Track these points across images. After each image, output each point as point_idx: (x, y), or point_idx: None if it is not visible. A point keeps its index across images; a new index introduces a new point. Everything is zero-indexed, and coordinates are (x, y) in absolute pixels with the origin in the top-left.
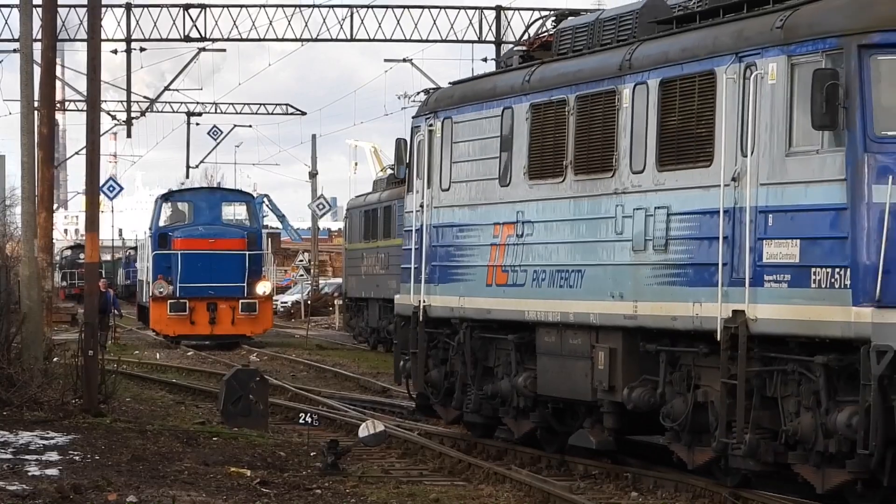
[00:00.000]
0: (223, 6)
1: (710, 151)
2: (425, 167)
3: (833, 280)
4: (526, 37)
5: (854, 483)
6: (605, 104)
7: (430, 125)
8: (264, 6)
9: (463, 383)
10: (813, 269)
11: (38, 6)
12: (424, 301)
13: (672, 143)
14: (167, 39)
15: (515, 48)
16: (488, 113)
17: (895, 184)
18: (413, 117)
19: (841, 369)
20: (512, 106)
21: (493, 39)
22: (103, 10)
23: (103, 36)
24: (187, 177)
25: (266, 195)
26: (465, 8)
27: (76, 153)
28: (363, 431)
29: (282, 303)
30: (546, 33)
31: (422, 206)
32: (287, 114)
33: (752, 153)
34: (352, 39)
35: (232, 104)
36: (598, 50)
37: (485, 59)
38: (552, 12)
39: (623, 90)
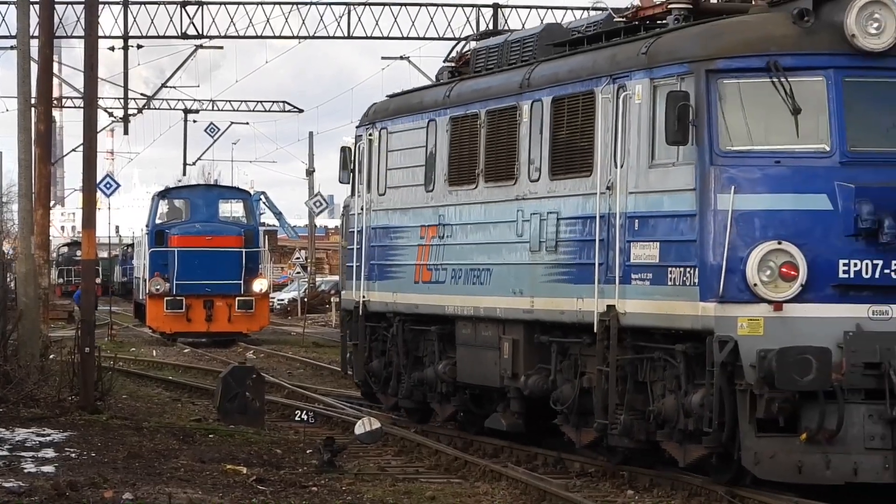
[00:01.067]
0: (220, 3)
1: (590, 163)
2: (365, 173)
3: (685, 278)
4: (454, 54)
5: (710, 457)
6: (508, 119)
7: (370, 135)
8: (262, 3)
9: (398, 372)
10: (669, 269)
11: (35, 3)
12: (364, 297)
13: (561, 155)
14: (164, 37)
15: (445, 64)
16: (417, 124)
17: (737, 193)
18: (357, 127)
19: (696, 356)
20: (435, 119)
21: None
22: (100, 6)
23: (100, 33)
24: (184, 174)
25: (263, 192)
26: (462, 5)
27: (73, 150)
28: (359, 429)
29: (278, 300)
30: (468, 51)
31: (362, 209)
32: (284, 111)
33: (622, 165)
34: (349, 37)
35: (229, 101)
36: (505, 69)
37: None
38: (472, 35)
39: (523, 106)
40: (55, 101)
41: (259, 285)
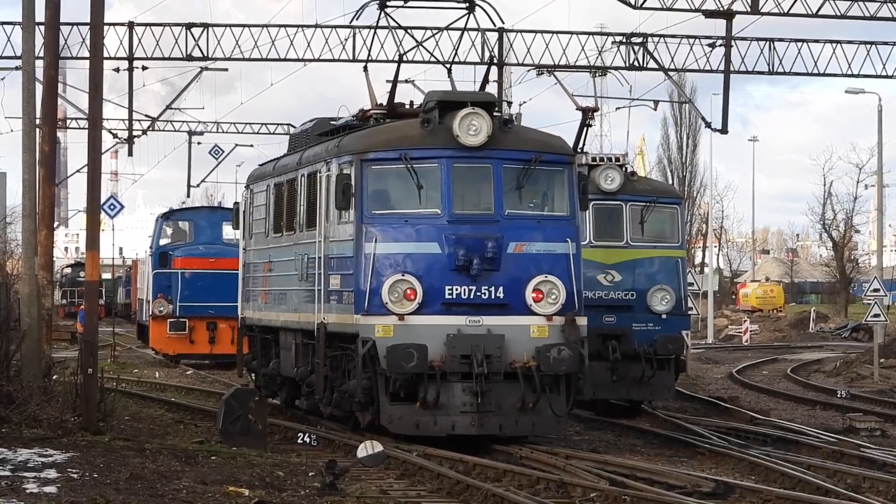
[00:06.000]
0: (226, 26)
1: (317, 220)
2: (243, 223)
3: (349, 299)
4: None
5: (374, 420)
6: (293, 187)
7: (246, 194)
8: (267, 26)
9: (260, 369)
10: (343, 293)
11: (41, 24)
12: (242, 314)
13: (310, 213)
14: (169, 58)
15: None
16: (263, 188)
17: (378, 242)
18: (244, 187)
19: (365, 353)
20: (270, 184)
21: (496, 61)
22: (106, 28)
23: (105, 54)
24: (188, 196)
25: None
26: (467, 30)
27: (77, 171)
28: (362, 452)
29: None
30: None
31: (244, 249)
32: (288, 133)
33: (327, 221)
34: (354, 60)
35: (233, 123)
36: (297, 150)
37: (486, 82)
38: (306, 122)
39: (299, 178)
40: (60, 122)
41: None
